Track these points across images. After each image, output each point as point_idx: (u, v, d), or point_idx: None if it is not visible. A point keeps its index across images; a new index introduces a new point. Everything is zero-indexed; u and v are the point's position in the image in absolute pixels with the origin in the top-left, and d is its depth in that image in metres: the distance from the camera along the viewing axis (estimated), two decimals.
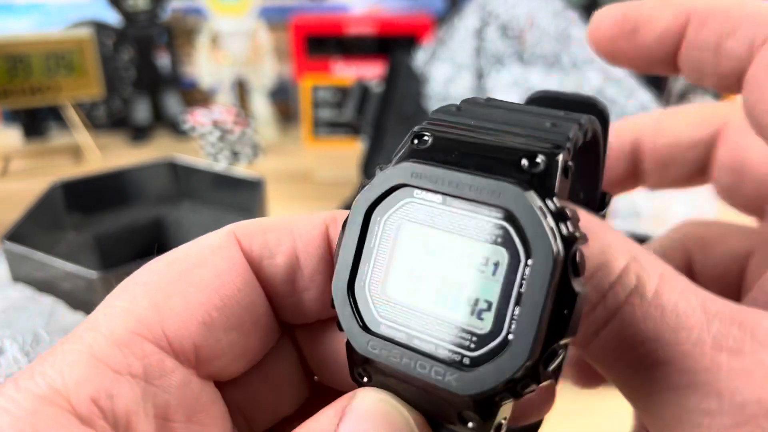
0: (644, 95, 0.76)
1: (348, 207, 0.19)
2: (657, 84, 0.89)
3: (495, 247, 0.16)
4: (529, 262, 0.16)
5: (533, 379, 0.16)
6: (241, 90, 1.07)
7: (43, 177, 0.87)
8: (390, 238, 0.17)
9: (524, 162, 0.16)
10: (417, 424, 0.17)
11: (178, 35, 1.07)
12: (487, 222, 0.16)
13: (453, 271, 0.17)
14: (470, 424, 0.16)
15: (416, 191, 0.17)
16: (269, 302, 0.19)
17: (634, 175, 0.29)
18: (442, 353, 0.16)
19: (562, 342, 0.15)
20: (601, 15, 0.23)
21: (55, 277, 0.51)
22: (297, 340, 0.22)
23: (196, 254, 0.19)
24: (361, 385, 0.18)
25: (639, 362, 0.17)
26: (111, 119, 1.05)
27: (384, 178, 0.18)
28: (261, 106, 1.03)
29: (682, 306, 0.17)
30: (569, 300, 0.15)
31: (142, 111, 1.03)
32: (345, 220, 0.18)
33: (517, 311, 0.16)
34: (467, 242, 0.16)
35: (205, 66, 1.01)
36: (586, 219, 0.17)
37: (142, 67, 1.01)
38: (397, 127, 0.79)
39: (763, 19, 0.20)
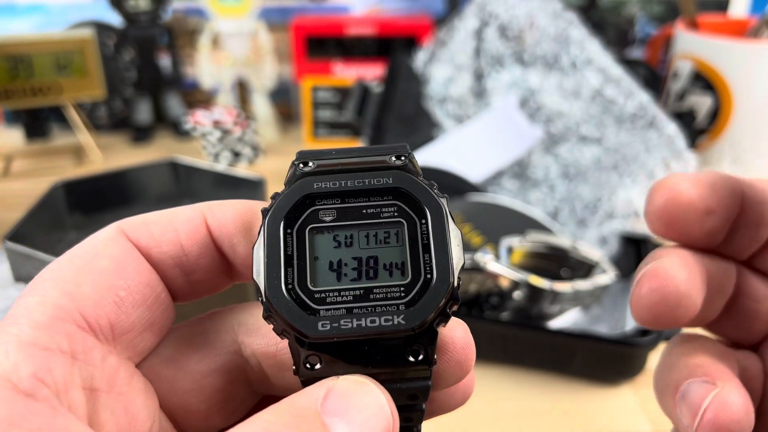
0: (643, 96, 0.76)
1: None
2: (655, 85, 0.89)
3: (392, 221, 0.21)
4: (423, 221, 0.21)
5: (455, 299, 0.20)
6: (242, 91, 1.07)
7: (44, 177, 0.87)
8: (304, 243, 0.21)
9: (393, 159, 0.22)
10: (389, 402, 0.19)
11: (179, 36, 1.07)
12: (381, 206, 0.21)
13: (365, 252, 0.21)
14: (420, 356, 0.20)
15: (317, 200, 0.21)
16: (164, 283, 0.22)
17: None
18: (382, 309, 0.20)
19: (462, 267, 0.21)
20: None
21: None
22: (249, 351, 0.23)
23: (92, 248, 0.21)
24: (309, 377, 0.20)
25: None
26: (112, 120, 1.06)
27: (289, 194, 0.21)
28: (261, 107, 1.03)
29: None
30: (456, 235, 0.21)
31: (143, 111, 1.03)
32: (258, 234, 0.21)
33: (426, 257, 0.20)
34: (369, 226, 0.21)
35: (206, 67, 1.01)
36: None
37: (143, 68, 1.01)
38: (397, 127, 0.79)
39: None
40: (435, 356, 0.20)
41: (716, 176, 0.23)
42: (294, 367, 0.20)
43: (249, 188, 0.68)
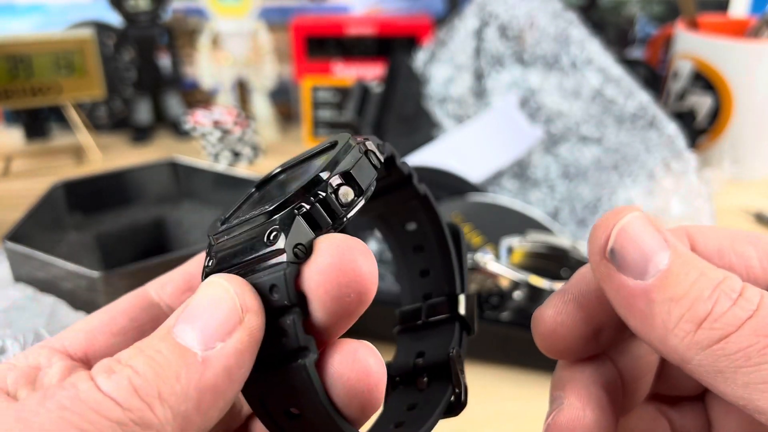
0: (643, 96, 0.76)
1: None
2: (655, 85, 0.89)
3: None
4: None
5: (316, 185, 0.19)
6: (242, 91, 1.07)
7: (44, 177, 0.87)
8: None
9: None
10: (237, 286, 0.18)
11: (179, 36, 1.07)
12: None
13: None
14: (273, 236, 0.18)
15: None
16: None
17: None
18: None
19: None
20: None
21: (56, 277, 0.51)
22: None
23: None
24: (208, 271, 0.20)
25: None
26: (112, 120, 1.06)
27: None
28: (261, 107, 1.03)
29: None
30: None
31: (143, 111, 1.03)
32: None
33: None
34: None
35: (206, 67, 1.01)
36: (692, 253, 0.20)
37: (143, 68, 1.01)
38: (397, 127, 0.79)
39: None
40: (296, 246, 0.18)
41: (586, 294, 0.23)
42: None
43: (249, 188, 0.68)
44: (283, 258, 0.18)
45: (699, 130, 0.87)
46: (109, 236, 0.66)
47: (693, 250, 0.23)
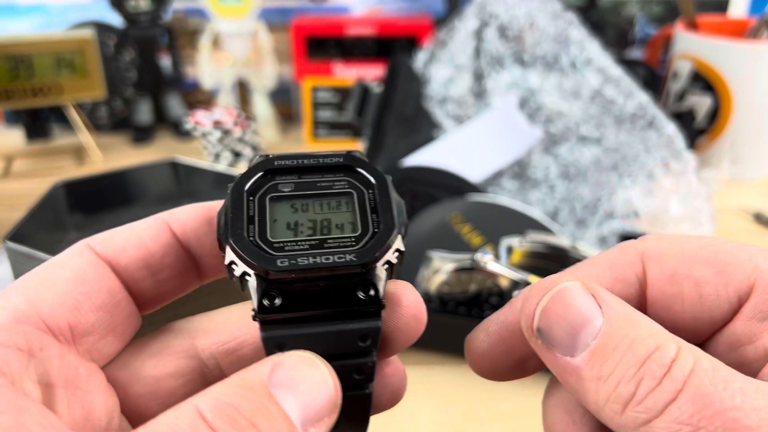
0: (642, 96, 0.76)
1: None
2: (655, 85, 0.89)
3: (343, 191, 0.24)
4: (370, 190, 0.24)
5: (400, 251, 0.22)
6: (242, 91, 1.07)
7: (45, 177, 0.88)
8: (264, 208, 0.23)
9: (342, 151, 0.25)
10: (333, 377, 0.20)
11: (180, 36, 1.08)
12: (333, 180, 0.24)
13: (319, 216, 0.23)
14: (370, 292, 0.22)
15: (277, 176, 0.24)
16: (128, 289, 0.24)
17: None
18: (335, 251, 0.22)
19: (407, 226, 0.23)
20: None
21: None
22: (206, 355, 0.25)
23: (57, 262, 0.23)
24: (267, 318, 0.21)
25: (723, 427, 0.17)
26: (113, 120, 1.06)
27: (252, 168, 0.24)
28: (262, 107, 1.03)
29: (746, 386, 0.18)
30: (399, 203, 0.24)
31: (143, 112, 1.03)
32: (225, 203, 0.23)
33: (374, 216, 0.23)
34: (323, 196, 0.24)
35: (207, 67, 1.01)
36: (627, 308, 0.20)
37: (143, 68, 1.02)
38: (397, 128, 0.79)
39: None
40: (383, 298, 0.22)
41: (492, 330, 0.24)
42: (252, 312, 0.21)
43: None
44: (378, 313, 0.22)
45: (698, 131, 0.87)
46: None
47: (644, 281, 0.23)
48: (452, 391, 0.53)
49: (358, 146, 0.92)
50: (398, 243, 0.22)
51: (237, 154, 0.94)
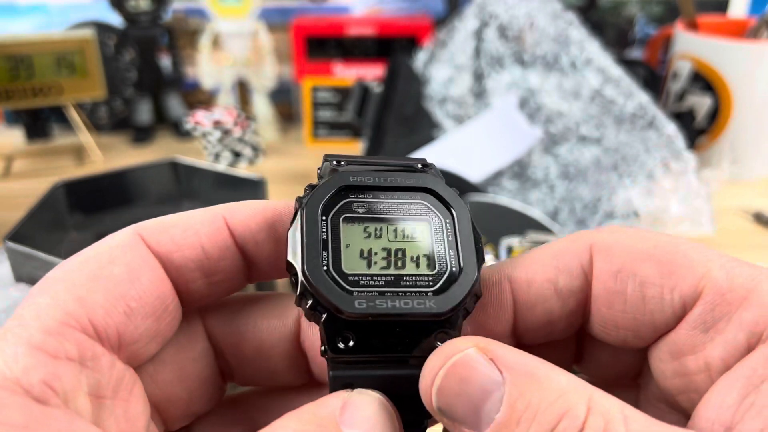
0: (642, 96, 0.76)
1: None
2: (655, 85, 0.89)
3: (419, 218, 0.23)
4: (448, 220, 0.23)
5: (477, 295, 0.22)
6: (242, 91, 1.07)
7: (45, 177, 0.88)
8: (337, 230, 0.22)
9: (418, 165, 0.24)
10: (396, 416, 0.20)
11: (180, 36, 1.08)
12: (410, 204, 0.23)
13: (393, 244, 0.22)
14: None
15: (351, 193, 0.23)
16: (176, 289, 0.22)
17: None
18: (412, 294, 0.21)
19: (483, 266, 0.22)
20: None
21: None
22: (215, 338, 0.24)
23: (107, 253, 0.21)
24: (338, 359, 0.21)
25: None
26: (113, 120, 1.06)
27: (327, 184, 0.22)
28: (262, 107, 1.03)
29: None
30: (478, 236, 0.23)
31: (143, 112, 1.03)
32: (292, 220, 0.22)
33: (452, 252, 0.22)
34: (398, 221, 0.22)
35: (207, 67, 1.01)
36: (531, 365, 0.18)
37: (143, 68, 1.02)
38: (397, 128, 0.79)
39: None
40: None
41: None
42: (322, 348, 0.21)
43: (249, 188, 0.68)
44: None
45: (698, 131, 0.87)
46: None
47: (590, 273, 0.22)
48: None
49: (358, 146, 0.92)
50: (477, 288, 0.22)
51: (237, 154, 0.94)
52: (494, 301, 0.23)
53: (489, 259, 0.53)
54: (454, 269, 0.22)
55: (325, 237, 0.21)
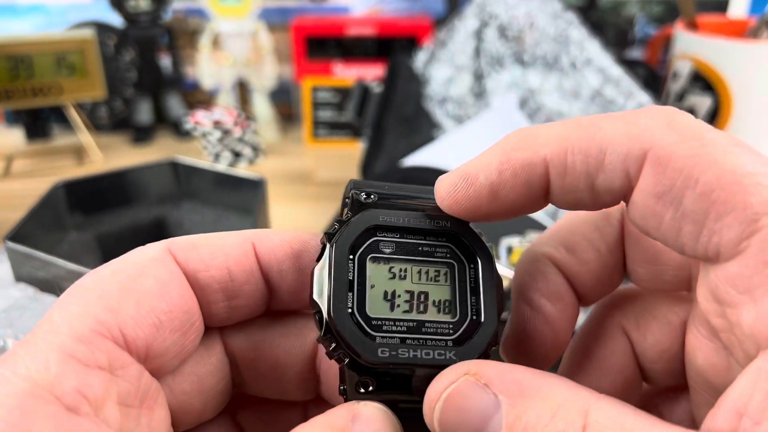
0: (643, 96, 0.76)
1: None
2: (655, 85, 0.89)
3: (444, 261, 0.23)
4: (472, 265, 0.23)
5: (496, 343, 0.22)
6: (242, 91, 1.07)
7: (45, 177, 0.88)
8: (364, 270, 0.22)
9: None
10: (401, 429, 0.21)
11: (180, 36, 1.08)
12: (436, 246, 0.23)
13: (416, 287, 0.22)
14: None
15: (379, 232, 0.23)
16: (200, 308, 0.22)
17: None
18: (433, 343, 0.21)
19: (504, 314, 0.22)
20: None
21: (57, 277, 0.51)
22: (232, 352, 0.24)
23: (138, 265, 0.21)
24: (357, 397, 0.21)
25: None
26: (113, 120, 1.06)
27: (357, 222, 0.23)
28: (262, 107, 1.03)
29: None
30: (500, 283, 0.23)
31: (143, 112, 1.03)
32: (319, 257, 0.22)
33: (473, 300, 0.22)
34: (423, 263, 0.23)
35: (207, 67, 1.01)
36: (525, 383, 0.18)
37: (143, 68, 1.02)
38: (397, 128, 0.79)
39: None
40: None
41: None
42: (342, 387, 0.21)
43: (249, 188, 0.68)
44: None
45: None
46: (110, 236, 0.67)
47: (634, 179, 0.19)
48: None
49: (358, 146, 0.92)
50: (497, 338, 0.22)
51: (237, 154, 0.94)
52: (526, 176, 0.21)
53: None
54: (474, 318, 0.22)
55: (351, 278, 0.22)
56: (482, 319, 0.22)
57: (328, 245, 0.22)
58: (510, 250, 0.59)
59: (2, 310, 0.51)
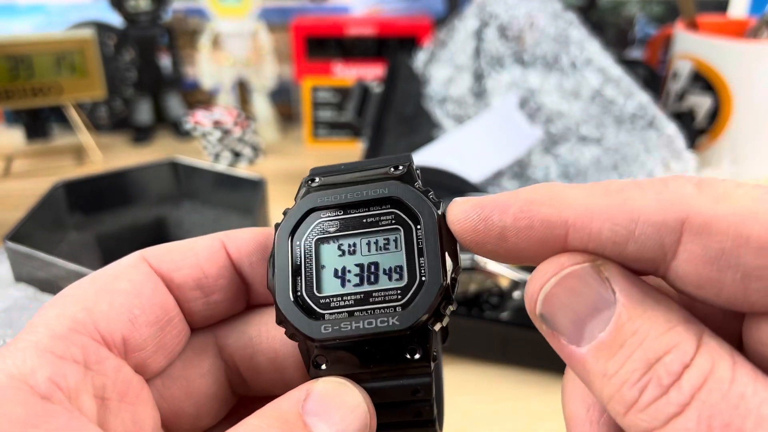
0: (642, 96, 0.76)
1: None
2: (655, 85, 0.89)
3: (390, 228, 0.23)
4: (418, 226, 0.22)
5: (448, 300, 0.21)
6: (242, 91, 1.07)
7: (45, 177, 0.88)
8: (311, 253, 0.23)
9: (391, 169, 0.24)
10: (366, 401, 0.21)
11: (180, 36, 1.07)
12: (380, 215, 0.23)
13: (366, 258, 0.22)
14: (417, 355, 0.21)
15: (322, 212, 0.23)
16: (180, 307, 0.24)
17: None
18: (379, 311, 0.21)
19: (457, 270, 0.22)
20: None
21: (57, 277, 0.51)
22: (228, 352, 0.25)
23: (113, 271, 0.23)
24: (318, 374, 0.22)
25: None
26: (113, 120, 1.06)
27: (296, 209, 0.23)
28: (262, 107, 1.03)
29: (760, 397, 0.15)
30: (451, 240, 0.22)
31: (143, 112, 1.03)
32: (272, 251, 0.23)
33: (422, 261, 0.22)
34: (370, 234, 0.23)
35: (207, 67, 1.01)
36: (646, 293, 0.18)
37: (143, 68, 1.01)
38: (397, 127, 0.79)
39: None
40: (434, 353, 0.21)
41: None
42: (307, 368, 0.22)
43: (249, 188, 0.68)
44: (428, 370, 0.21)
45: (698, 131, 0.87)
46: (110, 236, 0.67)
47: (672, 251, 0.18)
48: (452, 391, 0.53)
49: (358, 146, 0.92)
50: (447, 295, 0.21)
51: (237, 154, 0.93)
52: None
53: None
54: (423, 278, 0.21)
55: (298, 262, 0.22)
56: (427, 279, 0.21)
57: (274, 235, 0.23)
58: None
59: (2, 310, 0.51)
